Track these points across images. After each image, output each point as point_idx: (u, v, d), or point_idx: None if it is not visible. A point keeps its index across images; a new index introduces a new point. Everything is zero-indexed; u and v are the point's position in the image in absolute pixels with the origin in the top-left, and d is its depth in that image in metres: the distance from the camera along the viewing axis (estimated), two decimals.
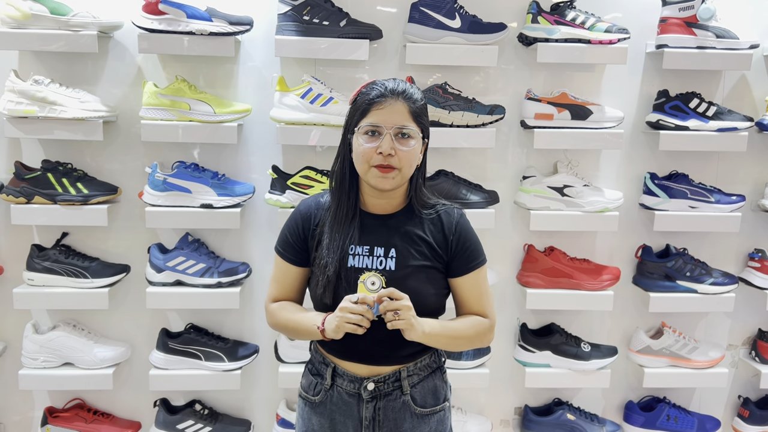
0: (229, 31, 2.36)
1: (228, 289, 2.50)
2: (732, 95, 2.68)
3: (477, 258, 1.68)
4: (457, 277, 1.67)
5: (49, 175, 2.43)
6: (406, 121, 1.57)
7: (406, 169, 1.59)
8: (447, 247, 1.66)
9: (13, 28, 2.35)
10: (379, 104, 1.57)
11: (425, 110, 1.64)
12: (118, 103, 2.52)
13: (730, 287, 2.64)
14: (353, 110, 1.63)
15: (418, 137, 1.60)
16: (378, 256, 1.62)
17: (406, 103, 1.58)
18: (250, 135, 2.58)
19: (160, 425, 2.57)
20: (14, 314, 2.58)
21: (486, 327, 1.68)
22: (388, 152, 1.55)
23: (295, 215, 1.73)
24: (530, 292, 2.60)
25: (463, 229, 1.67)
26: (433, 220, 1.67)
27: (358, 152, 1.59)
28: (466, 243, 1.66)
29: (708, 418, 2.77)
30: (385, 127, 1.56)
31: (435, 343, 1.62)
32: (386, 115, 1.56)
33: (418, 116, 1.60)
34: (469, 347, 1.73)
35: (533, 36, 2.49)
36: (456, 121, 2.47)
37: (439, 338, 1.61)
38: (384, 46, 2.57)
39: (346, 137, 1.65)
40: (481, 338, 1.68)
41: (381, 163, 1.56)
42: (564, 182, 2.56)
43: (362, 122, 1.59)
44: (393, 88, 1.59)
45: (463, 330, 1.65)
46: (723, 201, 2.61)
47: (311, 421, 1.70)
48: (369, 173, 1.59)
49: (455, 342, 1.66)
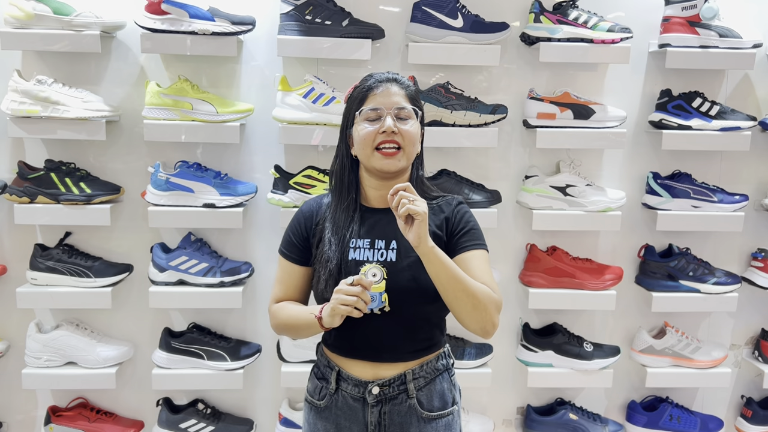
0: (232, 31, 2.37)
1: (230, 288, 2.50)
2: (735, 94, 2.68)
3: (477, 239, 1.63)
4: (457, 254, 1.61)
5: (53, 174, 2.43)
6: (403, 102, 1.63)
7: (409, 148, 1.62)
8: (447, 227, 1.65)
9: (16, 28, 2.35)
10: (375, 90, 1.63)
11: (418, 95, 1.71)
12: (120, 103, 2.52)
13: (733, 287, 2.63)
14: (350, 103, 1.67)
15: (416, 118, 1.64)
16: (379, 248, 1.61)
17: (400, 87, 1.65)
18: (253, 135, 2.59)
19: (162, 424, 2.58)
20: (18, 313, 2.58)
21: (495, 299, 1.54)
22: (392, 129, 1.58)
23: (297, 215, 1.75)
24: (533, 291, 2.60)
25: (463, 211, 1.68)
26: (435, 210, 1.67)
27: (360, 137, 1.61)
28: (465, 222, 1.65)
29: (711, 418, 2.76)
30: (384, 109, 1.60)
31: (438, 268, 1.47)
32: (384, 98, 1.62)
33: (413, 99, 1.66)
34: (472, 309, 1.51)
35: (536, 35, 2.49)
36: (458, 121, 2.47)
37: (444, 265, 1.48)
38: (386, 46, 2.57)
39: (345, 133, 1.68)
40: (486, 306, 1.51)
41: (385, 141, 1.59)
42: (566, 182, 2.56)
43: (361, 108, 1.63)
44: (386, 76, 1.66)
45: (470, 281, 1.51)
46: (726, 200, 2.61)
47: (317, 426, 1.69)
48: (373, 157, 1.60)
49: (458, 285, 1.49)
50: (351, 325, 1.59)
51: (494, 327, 1.56)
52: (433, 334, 1.65)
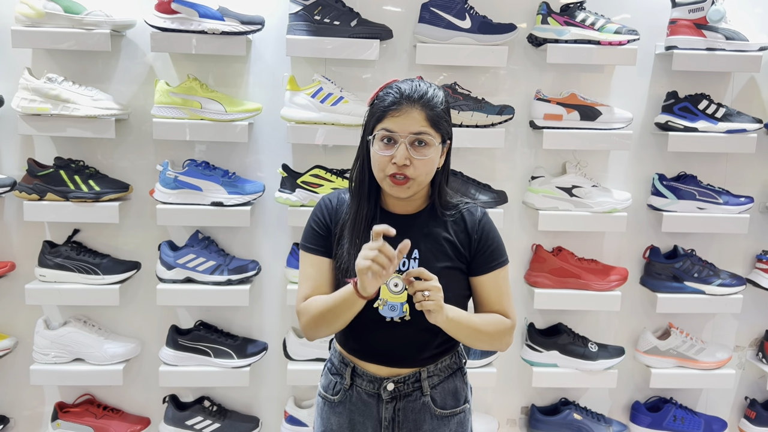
0: (241, 31, 2.38)
1: (237, 286, 2.52)
2: (741, 97, 2.69)
3: (499, 257, 1.65)
4: (479, 275, 1.64)
5: (62, 172, 2.45)
6: (422, 128, 1.51)
7: (422, 177, 1.54)
8: (470, 245, 1.63)
9: (27, 26, 2.37)
10: (395, 111, 1.51)
11: (446, 113, 1.58)
12: (129, 101, 2.54)
13: (737, 288, 2.64)
14: (370, 114, 1.58)
15: (435, 144, 1.54)
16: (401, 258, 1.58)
17: (423, 109, 1.52)
18: (261, 134, 2.60)
19: (169, 421, 2.59)
20: (26, 310, 2.60)
21: (507, 326, 1.63)
22: (403, 162, 1.50)
23: (318, 208, 1.68)
24: (538, 291, 2.61)
25: (486, 227, 1.65)
26: (456, 219, 1.64)
27: (375, 160, 1.56)
28: (489, 241, 1.64)
29: (714, 419, 2.77)
30: (400, 135, 1.51)
31: (456, 331, 1.55)
32: (401, 123, 1.51)
33: (436, 122, 1.53)
34: (488, 345, 1.65)
35: (543, 37, 2.50)
36: (465, 121, 2.48)
37: (461, 327, 1.55)
38: (394, 46, 2.58)
39: (365, 140, 1.61)
40: (501, 337, 1.63)
41: (395, 173, 1.52)
42: (572, 183, 2.57)
43: (378, 128, 1.54)
44: (409, 94, 1.52)
45: (485, 325, 1.60)
46: (731, 202, 2.61)
47: (330, 421, 1.69)
48: (384, 182, 1.56)
49: (476, 335, 1.59)
50: (370, 332, 1.60)
51: (508, 346, 1.68)
52: (449, 338, 1.65)
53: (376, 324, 1.58)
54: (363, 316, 1.55)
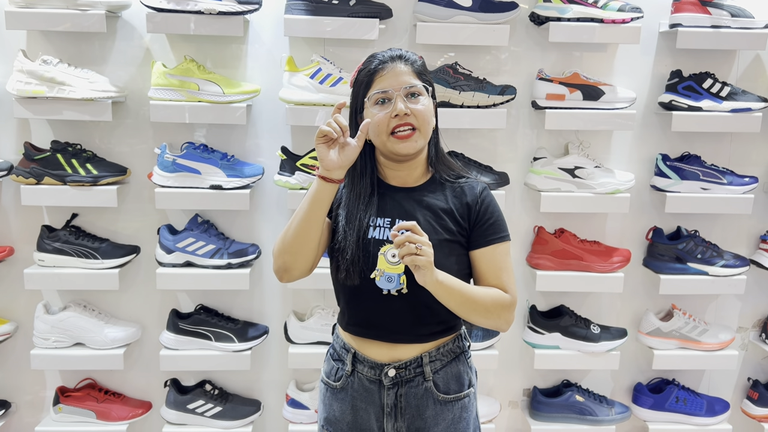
0: (238, 11, 2.34)
1: (238, 270, 2.50)
2: (746, 75, 2.65)
3: (499, 232, 1.63)
4: (477, 248, 1.62)
5: (59, 155, 2.43)
6: (412, 79, 1.58)
7: (425, 127, 1.57)
8: (469, 217, 1.62)
9: (21, 7, 2.33)
10: (381, 71, 1.57)
11: (426, 68, 1.65)
12: (126, 84, 2.51)
13: (741, 269, 2.62)
14: (357, 87, 1.62)
15: (427, 94, 1.60)
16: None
17: (405, 64, 1.59)
18: (259, 116, 2.57)
19: (170, 405, 2.59)
20: (25, 295, 2.59)
21: (506, 301, 1.58)
22: (405, 112, 1.54)
23: None
24: (540, 273, 2.59)
25: (487, 200, 1.64)
26: (457, 192, 1.64)
27: (374, 124, 1.56)
28: (489, 215, 1.62)
29: (717, 400, 2.77)
30: (393, 90, 1.56)
31: (448, 297, 1.51)
32: (391, 79, 1.57)
33: (421, 74, 1.61)
34: (485, 319, 1.57)
35: (545, 15, 2.46)
36: (466, 102, 2.45)
37: (453, 293, 1.51)
38: (394, 26, 2.54)
39: (354, 119, 1.63)
40: (499, 312, 1.57)
41: (399, 125, 1.54)
42: (575, 164, 2.54)
43: (369, 93, 1.58)
44: (390, 55, 1.60)
45: (480, 296, 1.56)
46: (735, 183, 2.59)
47: (332, 407, 1.68)
48: (389, 142, 1.57)
49: (471, 305, 1.54)
50: (367, 306, 1.59)
51: (508, 324, 1.62)
52: (449, 317, 1.63)
53: (373, 298, 1.56)
54: (360, 289, 1.56)
